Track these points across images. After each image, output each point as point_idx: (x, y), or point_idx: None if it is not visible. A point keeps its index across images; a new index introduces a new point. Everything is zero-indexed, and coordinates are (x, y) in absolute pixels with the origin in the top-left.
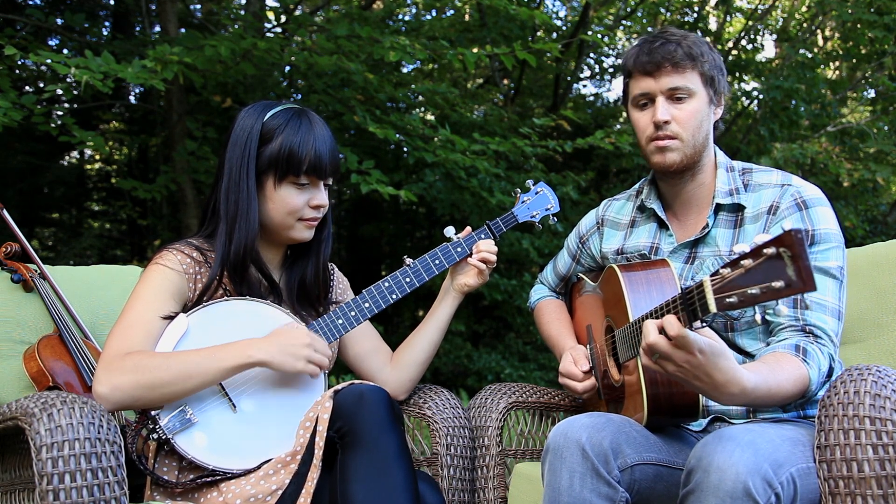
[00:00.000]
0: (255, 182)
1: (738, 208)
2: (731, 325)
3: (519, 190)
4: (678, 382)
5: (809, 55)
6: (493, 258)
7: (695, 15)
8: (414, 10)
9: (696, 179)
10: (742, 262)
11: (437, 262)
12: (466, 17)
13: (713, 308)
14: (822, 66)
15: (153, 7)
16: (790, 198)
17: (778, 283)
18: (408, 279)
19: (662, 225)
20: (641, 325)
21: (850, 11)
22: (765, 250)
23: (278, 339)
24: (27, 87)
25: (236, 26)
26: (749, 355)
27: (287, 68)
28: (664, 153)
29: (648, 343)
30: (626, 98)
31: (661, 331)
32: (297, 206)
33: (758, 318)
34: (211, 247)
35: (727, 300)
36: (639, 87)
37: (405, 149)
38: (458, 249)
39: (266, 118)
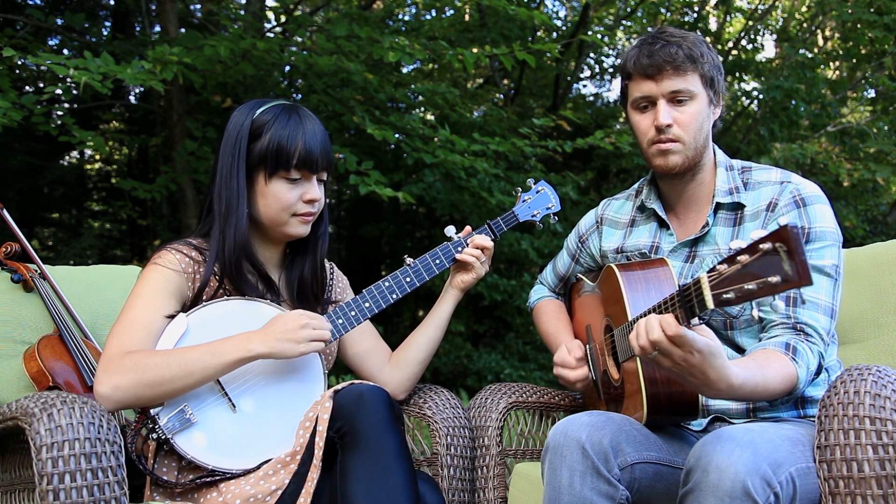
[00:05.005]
0: (244, 179)
1: (737, 207)
2: (730, 324)
3: (520, 189)
4: (677, 382)
5: (809, 55)
6: (489, 247)
7: (695, 15)
8: (414, 10)
9: (696, 179)
10: (738, 258)
11: (437, 261)
12: (466, 17)
13: (710, 304)
14: (822, 66)
15: (153, 7)
16: (789, 195)
17: (774, 278)
18: (408, 279)
19: (663, 224)
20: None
21: (850, 11)
22: (761, 246)
23: (274, 328)
24: (27, 88)
25: (236, 26)
26: None
27: (287, 68)
28: (666, 156)
29: (651, 340)
30: (625, 100)
31: (662, 328)
32: (289, 201)
33: (755, 314)
34: (209, 246)
35: (724, 296)
36: (639, 89)
37: (404, 149)
38: (459, 249)
39: (256, 115)
